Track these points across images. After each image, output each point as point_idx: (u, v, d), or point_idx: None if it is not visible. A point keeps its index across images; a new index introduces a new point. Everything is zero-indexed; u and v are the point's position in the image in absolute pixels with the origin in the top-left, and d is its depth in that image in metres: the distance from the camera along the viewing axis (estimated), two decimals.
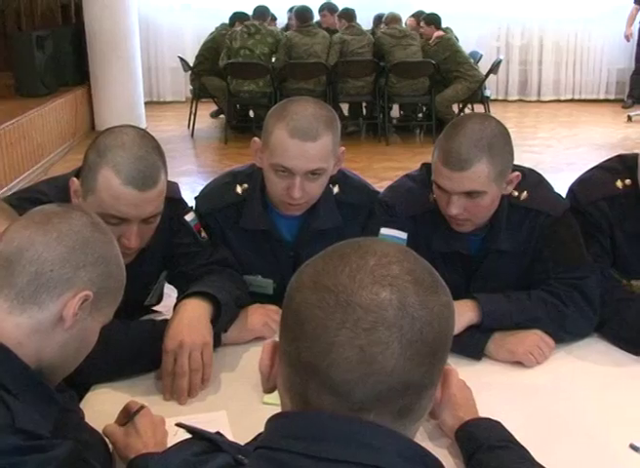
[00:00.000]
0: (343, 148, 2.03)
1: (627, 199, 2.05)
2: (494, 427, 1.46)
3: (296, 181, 1.89)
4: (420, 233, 2.02)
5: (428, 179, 1.95)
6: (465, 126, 1.85)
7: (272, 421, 0.89)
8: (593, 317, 1.98)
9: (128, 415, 1.46)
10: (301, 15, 8.21)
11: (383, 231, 2.01)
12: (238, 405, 1.67)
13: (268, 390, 0.95)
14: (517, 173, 1.93)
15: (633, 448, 1.53)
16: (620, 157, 2.18)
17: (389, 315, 0.82)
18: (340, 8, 8.73)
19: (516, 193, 1.99)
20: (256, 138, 2.01)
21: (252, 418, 0.95)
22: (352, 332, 0.81)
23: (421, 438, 1.51)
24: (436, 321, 0.85)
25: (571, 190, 2.17)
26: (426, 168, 2.02)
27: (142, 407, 1.48)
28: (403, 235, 2.01)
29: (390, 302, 0.82)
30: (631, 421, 1.63)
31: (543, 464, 1.33)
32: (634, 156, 2.05)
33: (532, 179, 2.05)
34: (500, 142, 1.86)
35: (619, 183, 2.08)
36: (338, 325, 0.82)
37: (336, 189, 2.12)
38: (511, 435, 1.44)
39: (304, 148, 1.87)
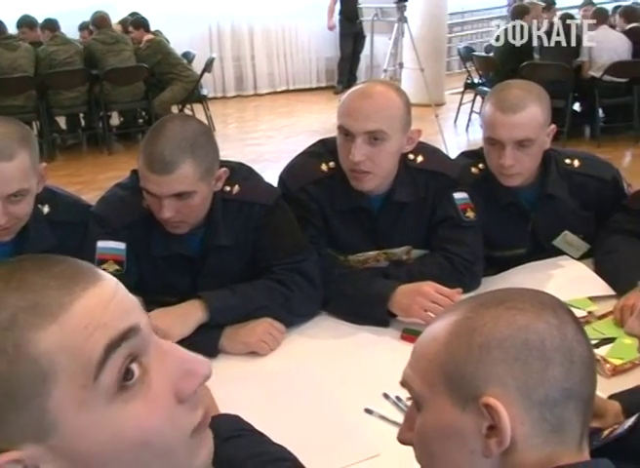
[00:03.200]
0: (45, 164, 1.93)
1: (333, 180, 2.16)
2: (230, 421, 1.47)
3: None
4: (139, 240, 1.98)
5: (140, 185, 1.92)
6: (166, 128, 1.84)
7: None
8: (317, 296, 2.07)
9: None
10: None
11: (100, 244, 1.95)
12: None
13: None
14: (225, 168, 1.96)
15: (368, 411, 1.63)
16: (322, 142, 2.29)
17: None
18: (41, 19, 8.31)
19: (228, 188, 2.02)
20: None
21: None
22: None
23: None
24: None
25: (281, 178, 2.24)
26: (136, 174, 1.99)
27: None
28: (121, 245, 1.96)
29: None
30: (365, 386, 1.72)
31: (288, 442, 1.36)
32: (334, 140, 2.16)
33: (242, 173, 2.09)
34: (203, 141, 1.87)
35: (323, 167, 2.19)
36: None
37: (46, 209, 2.01)
38: (249, 424, 1.45)
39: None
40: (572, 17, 8.10)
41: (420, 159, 2.21)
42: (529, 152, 2.14)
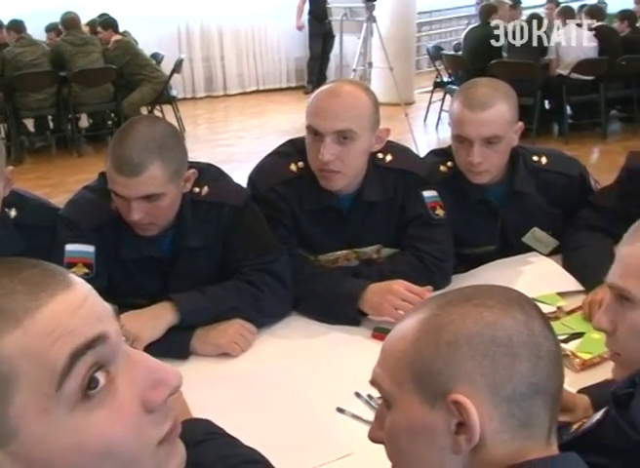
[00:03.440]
0: (12, 168, 1.91)
1: (302, 180, 2.16)
2: (200, 425, 1.46)
3: None
4: (108, 243, 1.97)
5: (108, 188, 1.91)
6: (134, 130, 1.83)
7: None
8: (288, 296, 2.06)
9: None
10: None
11: (69, 248, 1.94)
12: None
13: None
14: (193, 170, 1.95)
15: (340, 410, 1.63)
16: (290, 142, 2.29)
17: None
18: (6, 20, 8.19)
19: (197, 189, 2.01)
20: None
21: None
22: None
23: None
24: None
25: (250, 178, 2.23)
26: (104, 177, 1.97)
27: None
28: (90, 248, 1.95)
29: None
30: (336, 386, 1.72)
31: (260, 443, 1.36)
32: (303, 140, 2.16)
33: (211, 174, 2.08)
34: (172, 142, 1.86)
35: (292, 167, 2.18)
36: None
37: (13, 212, 1.98)
38: (220, 428, 1.44)
39: None
40: (539, 16, 8.18)
41: (389, 158, 2.22)
42: (497, 149, 2.16)
